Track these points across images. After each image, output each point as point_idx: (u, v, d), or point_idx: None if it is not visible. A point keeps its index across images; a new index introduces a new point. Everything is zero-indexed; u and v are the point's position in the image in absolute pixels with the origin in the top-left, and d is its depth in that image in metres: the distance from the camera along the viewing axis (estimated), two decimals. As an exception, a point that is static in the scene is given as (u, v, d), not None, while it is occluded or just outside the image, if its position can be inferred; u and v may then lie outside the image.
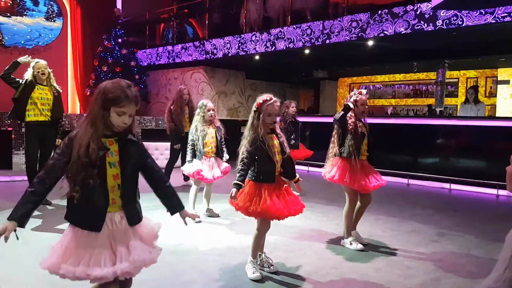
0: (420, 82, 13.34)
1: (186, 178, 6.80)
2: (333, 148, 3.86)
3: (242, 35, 9.16)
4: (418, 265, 3.44)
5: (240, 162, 2.98)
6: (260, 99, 3.01)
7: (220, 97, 11.10)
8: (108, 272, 1.84)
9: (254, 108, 3.03)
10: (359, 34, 7.31)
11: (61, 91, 5.37)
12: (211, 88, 10.88)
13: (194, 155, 4.62)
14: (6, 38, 10.71)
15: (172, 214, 2.14)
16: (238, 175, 2.95)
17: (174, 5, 11.60)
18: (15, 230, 1.81)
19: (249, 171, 3.02)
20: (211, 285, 2.95)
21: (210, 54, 9.85)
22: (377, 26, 7.07)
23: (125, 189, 1.97)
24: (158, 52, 11.35)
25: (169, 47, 10.99)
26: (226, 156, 4.79)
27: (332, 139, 3.87)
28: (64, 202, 1.98)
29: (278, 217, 2.97)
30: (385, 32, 6.99)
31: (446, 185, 7.25)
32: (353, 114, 3.72)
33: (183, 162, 5.15)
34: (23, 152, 5.38)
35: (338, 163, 3.77)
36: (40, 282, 2.93)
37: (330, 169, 3.82)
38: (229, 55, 9.40)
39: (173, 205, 2.13)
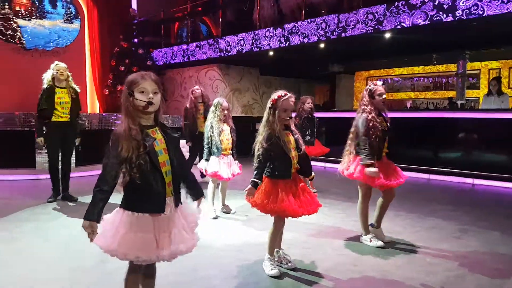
0: (440, 75, 13.05)
1: (202, 175, 6.83)
2: (350, 145, 3.75)
3: (256, 31, 9.11)
4: (440, 262, 3.35)
5: (256, 159, 2.97)
6: (275, 95, 3.00)
7: (234, 94, 11.10)
8: (152, 257, 2.00)
9: (269, 105, 3.01)
10: (376, 27, 7.17)
11: (79, 91, 5.47)
12: (226, 86, 10.88)
13: (210, 153, 4.61)
14: (27, 40, 10.92)
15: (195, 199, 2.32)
16: (254, 172, 2.94)
17: (188, 3, 11.64)
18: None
19: (265, 168, 2.99)
20: (230, 281, 2.96)
21: (224, 52, 9.83)
22: (394, 18, 6.93)
23: (174, 174, 2.10)
24: (173, 51, 11.40)
25: (184, 46, 11.02)
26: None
27: (350, 135, 3.74)
28: (85, 200, 2.06)
29: (293, 216, 2.95)
30: (403, 24, 6.84)
31: (469, 180, 7.07)
32: (372, 108, 3.61)
33: (201, 159, 5.18)
34: (46, 151, 5.52)
35: (357, 160, 3.66)
36: (61, 276, 2.98)
37: (347, 166, 3.73)
38: (243, 51, 9.37)
39: (195, 193, 2.31)
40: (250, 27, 9.32)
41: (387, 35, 7.47)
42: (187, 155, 6.95)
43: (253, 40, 9.14)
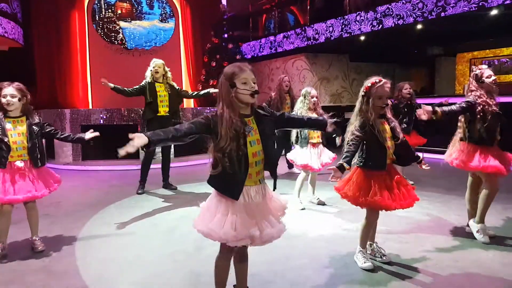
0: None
1: (290, 165, 6.86)
2: (459, 132, 3.51)
3: (346, 16, 8.83)
4: (559, 262, 3.00)
5: (347, 143, 2.85)
6: (368, 82, 2.87)
7: (322, 83, 10.92)
8: (245, 238, 2.07)
9: (362, 93, 2.89)
10: (480, 4, 6.50)
11: (174, 84, 5.67)
12: (313, 75, 10.76)
13: (296, 140, 4.62)
14: (128, 41, 11.89)
15: (326, 127, 2.47)
16: (343, 156, 2.80)
17: (276, -6, 11.68)
18: (143, 148, 1.98)
19: (358, 157, 2.90)
20: (322, 271, 2.96)
21: (312, 40, 9.71)
22: (502, -9, 6.21)
23: (266, 163, 2.18)
24: (261, 43, 11.57)
25: (271, 37, 11.11)
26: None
27: (460, 123, 3.52)
28: (184, 189, 2.20)
29: (387, 209, 2.83)
30: (513, -3, 6.10)
31: None
32: (482, 92, 3.34)
33: (286, 150, 5.22)
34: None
35: (466, 148, 3.42)
36: (166, 260, 3.23)
37: (456, 155, 3.49)
38: (332, 38, 9.16)
39: (321, 123, 2.51)
40: (340, 13, 9.05)
41: (494, 12, 6.73)
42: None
43: (343, 26, 8.88)
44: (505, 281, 2.73)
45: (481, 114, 3.30)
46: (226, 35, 11.56)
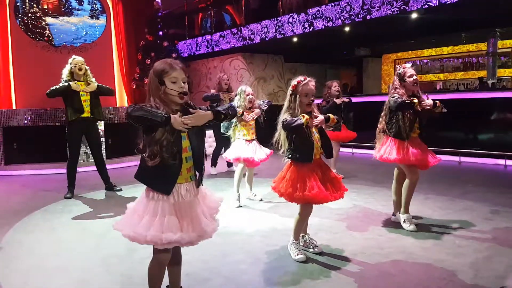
0: (470, 54, 12.59)
1: (229, 164, 6.92)
2: (380, 124, 3.75)
3: (279, 18, 9.05)
4: (469, 244, 3.31)
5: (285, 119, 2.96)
6: (294, 81, 3.01)
7: (259, 83, 11.10)
8: (176, 239, 2.00)
9: (289, 91, 3.03)
10: (402, 7, 6.99)
11: (95, 82, 5.34)
12: (250, 74, 10.90)
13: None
14: (55, 38, 11.24)
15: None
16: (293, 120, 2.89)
17: (211, -7, 11.67)
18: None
19: (287, 150, 3.03)
20: (258, 265, 3.01)
21: (247, 40, 9.83)
22: (420, -3, 6.74)
23: (195, 160, 2.14)
24: (197, 42, 11.49)
25: (208, 36, 11.08)
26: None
27: (381, 118, 3.76)
28: (119, 191, 2.09)
29: (322, 202, 2.96)
30: (429, 3, 6.63)
31: (501, 161, 6.87)
32: (403, 91, 3.58)
33: (226, 149, 5.28)
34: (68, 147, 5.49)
35: (388, 142, 3.67)
36: (96, 264, 3.12)
37: (379, 149, 3.73)
38: (267, 39, 9.34)
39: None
40: (275, 14, 9.25)
41: (414, 16, 7.28)
42: (209, 148, 7.03)
43: (277, 27, 9.09)
44: (425, 264, 2.95)
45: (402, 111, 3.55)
46: (161, 33, 11.33)
